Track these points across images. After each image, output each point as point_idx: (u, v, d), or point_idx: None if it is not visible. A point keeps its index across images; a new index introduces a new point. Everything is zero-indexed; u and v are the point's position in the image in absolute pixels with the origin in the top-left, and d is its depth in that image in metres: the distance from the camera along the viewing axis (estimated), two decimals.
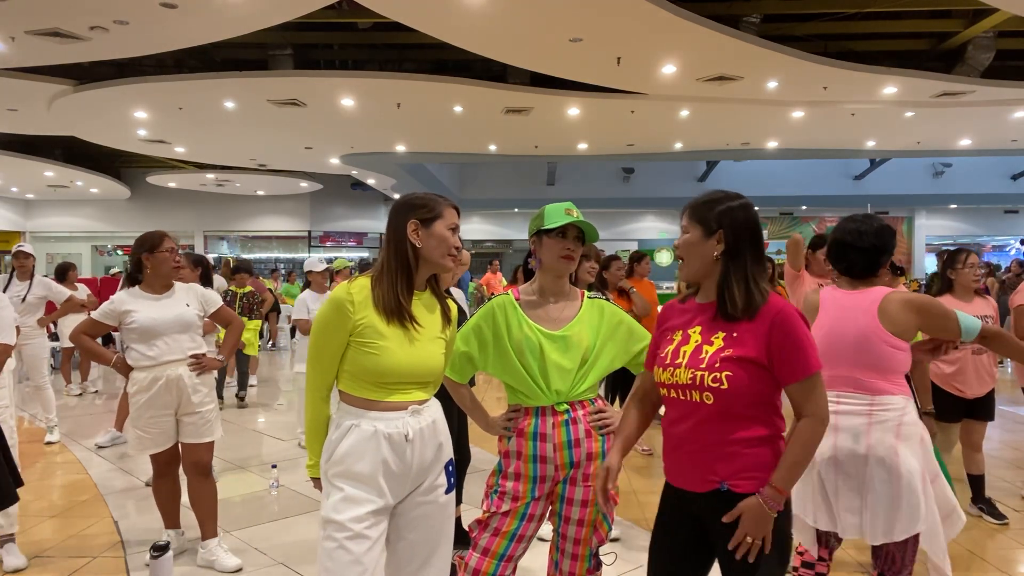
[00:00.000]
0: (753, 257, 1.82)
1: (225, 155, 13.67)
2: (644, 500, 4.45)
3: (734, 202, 1.85)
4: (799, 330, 1.74)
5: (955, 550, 3.71)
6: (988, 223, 19.82)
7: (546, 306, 2.24)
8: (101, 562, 3.55)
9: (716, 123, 11.02)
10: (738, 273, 1.80)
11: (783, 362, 1.73)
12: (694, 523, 1.86)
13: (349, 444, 1.92)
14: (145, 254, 3.36)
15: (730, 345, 1.77)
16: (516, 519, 2.18)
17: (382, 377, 1.94)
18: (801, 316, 1.77)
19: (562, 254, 2.18)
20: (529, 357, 2.17)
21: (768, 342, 1.74)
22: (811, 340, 1.76)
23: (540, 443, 2.18)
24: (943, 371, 4.03)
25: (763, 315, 1.76)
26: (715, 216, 1.83)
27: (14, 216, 18.68)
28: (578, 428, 2.18)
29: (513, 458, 2.22)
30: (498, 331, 2.23)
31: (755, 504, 1.72)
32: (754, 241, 1.83)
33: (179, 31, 7.06)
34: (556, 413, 2.19)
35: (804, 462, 1.74)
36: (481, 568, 2.16)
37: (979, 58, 8.38)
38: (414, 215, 2.00)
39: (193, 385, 3.38)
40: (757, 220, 1.86)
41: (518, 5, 6.48)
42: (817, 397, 1.75)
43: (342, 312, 1.93)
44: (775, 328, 1.74)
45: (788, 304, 1.78)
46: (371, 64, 8.98)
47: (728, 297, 1.80)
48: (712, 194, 1.89)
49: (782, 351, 1.73)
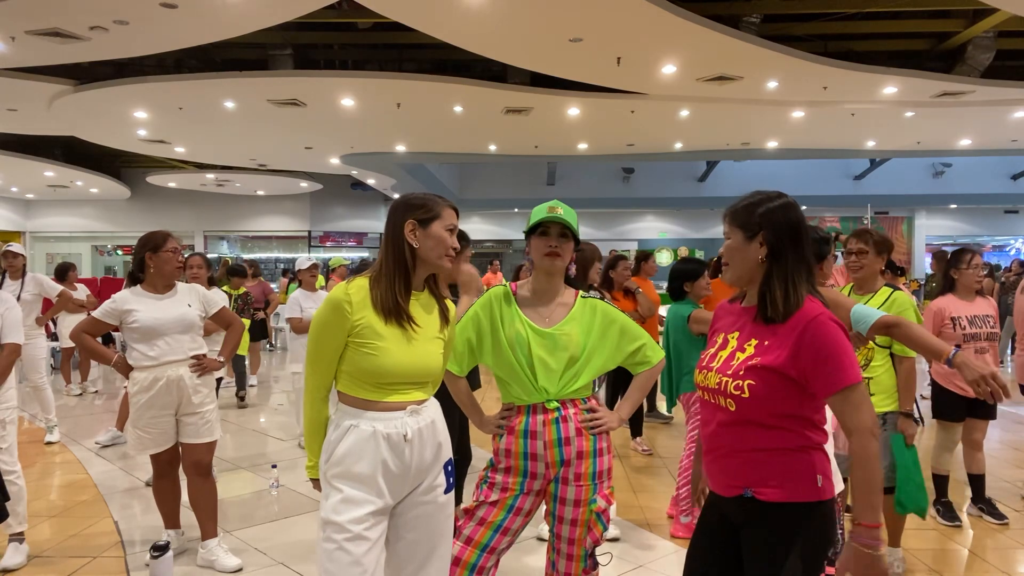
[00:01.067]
0: (796, 258, 1.76)
1: (225, 155, 13.67)
2: (644, 501, 4.45)
3: (774, 202, 1.80)
4: (832, 340, 1.66)
5: (955, 550, 3.71)
6: (988, 223, 19.82)
7: (538, 303, 2.26)
8: (101, 562, 3.55)
9: (716, 123, 11.02)
10: (780, 275, 1.75)
11: (815, 374, 1.66)
12: (729, 525, 1.84)
13: (348, 445, 1.92)
14: (148, 253, 3.36)
15: (759, 354, 1.73)
16: (503, 510, 2.19)
17: (380, 377, 1.94)
18: (839, 324, 1.70)
19: (546, 251, 2.19)
20: (519, 351, 2.20)
21: (797, 352, 1.67)
22: (847, 350, 1.67)
23: (531, 440, 2.19)
24: (945, 370, 4.03)
25: (794, 323, 1.70)
26: (756, 219, 1.78)
27: (14, 216, 18.68)
28: (568, 426, 2.19)
29: (503, 456, 2.23)
30: (494, 322, 2.26)
31: (852, 551, 1.63)
32: (796, 241, 1.77)
33: (179, 31, 7.06)
34: (547, 411, 2.19)
35: (872, 480, 1.64)
36: (462, 557, 2.16)
37: (979, 58, 8.38)
38: (412, 215, 1.99)
39: (194, 386, 3.38)
40: (800, 219, 1.80)
41: (518, 5, 6.48)
42: (856, 410, 1.65)
43: (340, 313, 1.92)
44: (805, 337, 1.67)
45: (823, 312, 1.70)
46: (371, 64, 8.98)
47: (770, 300, 1.75)
48: (752, 196, 1.84)
49: (814, 362, 1.66)
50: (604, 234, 19.79)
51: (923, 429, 6.29)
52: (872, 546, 1.60)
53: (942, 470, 4.11)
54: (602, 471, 2.22)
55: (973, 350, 3.97)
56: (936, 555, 3.63)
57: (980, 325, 3.99)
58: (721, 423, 1.81)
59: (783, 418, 1.72)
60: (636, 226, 20.24)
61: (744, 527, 1.78)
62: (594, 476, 2.20)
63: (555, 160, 15.41)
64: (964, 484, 4.35)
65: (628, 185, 18.44)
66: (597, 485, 2.20)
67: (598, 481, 2.21)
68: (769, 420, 1.72)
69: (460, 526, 2.21)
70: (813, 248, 2.49)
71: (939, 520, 4.04)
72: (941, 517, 4.05)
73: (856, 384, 1.65)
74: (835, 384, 1.65)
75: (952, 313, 4.00)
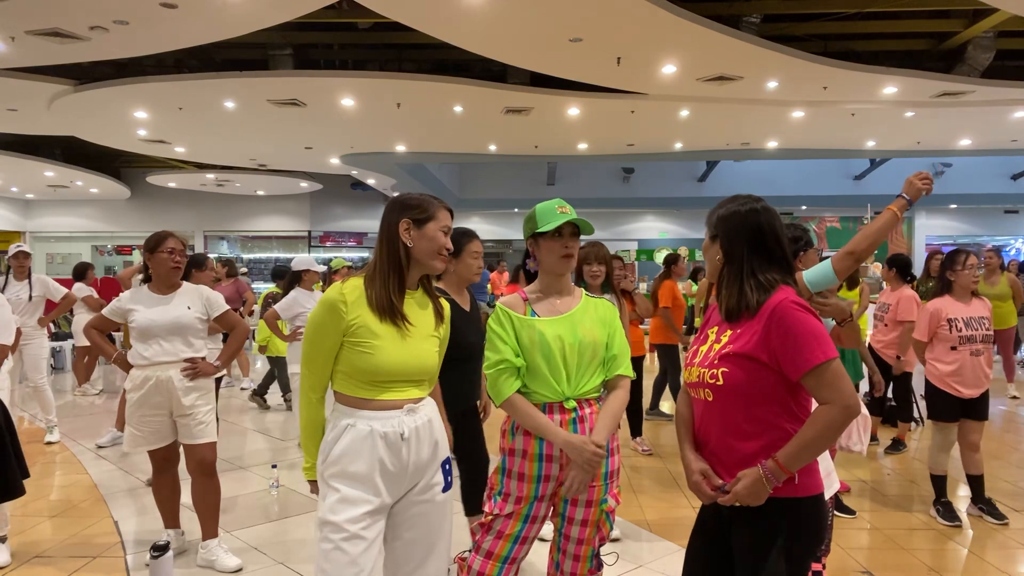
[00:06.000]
0: (756, 260, 1.82)
1: (225, 155, 13.65)
2: (644, 501, 4.45)
3: (738, 206, 1.88)
4: (797, 322, 1.71)
5: (955, 550, 3.71)
6: (988, 223, 19.80)
7: (550, 302, 2.23)
8: (101, 562, 3.55)
9: (716, 123, 11.02)
10: (731, 276, 1.84)
11: (785, 357, 1.71)
12: (723, 524, 1.86)
13: (345, 444, 1.93)
14: (147, 254, 3.38)
15: (732, 342, 1.79)
16: (519, 521, 2.16)
17: (376, 376, 1.94)
18: (804, 307, 1.74)
19: (562, 254, 2.16)
20: (539, 350, 2.14)
21: (766, 337, 1.73)
22: (812, 331, 1.71)
23: (546, 442, 2.13)
24: (941, 371, 4.04)
25: (762, 311, 1.76)
26: (714, 221, 1.90)
27: (14, 216, 18.66)
28: (584, 427, 2.14)
29: (518, 456, 2.16)
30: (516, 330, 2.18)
31: (755, 473, 1.71)
32: (756, 244, 1.84)
33: (179, 31, 7.06)
34: (564, 411, 2.14)
35: (815, 445, 1.69)
36: (485, 571, 2.14)
37: (979, 58, 8.38)
38: (407, 215, 2.01)
39: (184, 388, 3.36)
40: (760, 224, 1.85)
41: (518, 5, 6.48)
42: (830, 387, 1.69)
43: (335, 313, 1.93)
44: (771, 322, 1.73)
45: (787, 297, 1.75)
46: (371, 64, 8.97)
47: (722, 297, 1.86)
48: (726, 199, 1.94)
49: (782, 346, 1.71)
50: (604, 234, 19.75)
51: (922, 429, 6.29)
52: (771, 482, 1.70)
53: (939, 471, 4.12)
54: (613, 471, 2.21)
55: (969, 352, 3.98)
56: (936, 555, 3.63)
57: (976, 327, 4.01)
58: (702, 416, 1.86)
59: (761, 406, 1.75)
60: (636, 226, 20.22)
61: (732, 524, 1.81)
62: (606, 476, 2.18)
63: (555, 160, 15.39)
64: (961, 482, 4.36)
65: (628, 185, 18.43)
66: (608, 485, 2.19)
67: (609, 481, 2.20)
68: (745, 410, 1.76)
69: (478, 540, 2.18)
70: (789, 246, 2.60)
71: (939, 520, 4.05)
72: (941, 517, 4.05)
73: (827, 362, 1.68)
74: (804, 364, 1.69)
75: (948, 314, 4.01)
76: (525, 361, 2.14)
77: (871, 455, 5.46)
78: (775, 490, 1.71)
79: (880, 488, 4.71)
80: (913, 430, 6.19)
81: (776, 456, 1.69)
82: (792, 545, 1.72)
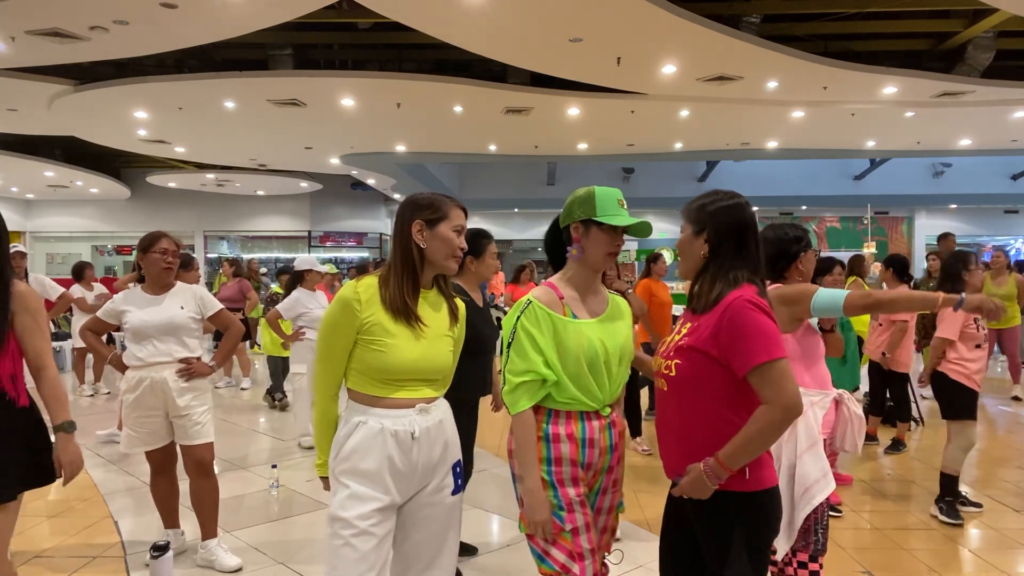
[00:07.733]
0: (736, 256, 1.85)
1: (225, 155, 13.66)
2: (644, 500, 4.45)
3: (725, 201, 1.89)
4: (747, 321, 1.71)
5: (955, 550, 3.71)
6: (988, 223, 19.80)
7: (585, 300, 2.06)
8: (101, 562, 3.55)
9: (716, 123, 11.02)
10: (715, 271, 1.85)
11: (733, 353, 1.73)
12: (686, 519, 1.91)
13: (356, 441, 1.94)
14: (139, 255, 3.38)
15: (689, 335, 1.83)
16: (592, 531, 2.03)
17: (389, 373, 1.95)
18: (759, 307, 1.73)
19: (611, 250, 2.02)
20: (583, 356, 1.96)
21: (717, 332, 1.75)
22: (762, 330, 1.71)
23: (588, 449, 1.99)
24: (970, 368, 4.02)
25: (718, 307, 1.78)
26: (704, 216, 1.89)
27: (14, 216, 18.65)
28: (616, 431, 2.07)
29: (567, 464, 1.97)
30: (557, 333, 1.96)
31: (697, 469, 1.75)
32: (739, 240, 1.86)
33: (179, 31, 7.06)
34: (600, 417, 2.02)
35: (754, 444, 1.69)
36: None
37: (979, 58, 8.38)
38: (419, 215, 2.01)
39: (178, 389, 3.34)
40: (746, 219, 1.87)
41: (518, 5, 6.48)
42: (771, 387, 1.68)
43: (349, 311, 1.94)
44: (724, 318, 1.74)
45: (743, 295, 1.76)
46: (371, 64, 8.97)
47: (699, 292, 1.87)
48: (707, 194, 1.94)
49: (731, 342, 1.73)
50: None
51: (922, 428, 6.29)
52: (711, 479, 1.73)
53: (956, 470, 4.07)
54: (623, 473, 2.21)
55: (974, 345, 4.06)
56: (936, 555, 3.63)
57: (982, 325, 4.12)
58: (660, 406, 1.91)
59: (709, 401, 1.78)
60: None
61: (695, 515, 1.84)
62: (622, 480, 2.18)
63: (555, 160, 15.40)
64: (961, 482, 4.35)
65: (628, 185, 18.43)
66: (622, 488, 2.19)
67: (622, 484, 2.20)
68: (696, 402, 1.79)
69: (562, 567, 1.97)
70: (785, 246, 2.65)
71: (941, 518, 4.04)
72: (944, 515, 4.04)
73: (772, 362, 1.69)
74: (749, 362, 1.70)
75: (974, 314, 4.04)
76: (564, 368, 1.95)
77: (872, 455, 5.46)
78: (729, 484, 1.74)
79: (880, 488, 4.71)
80: (912, 430, 6.18)
81: (718, 454, 1.72)
82: (751, 537, 1.76)
